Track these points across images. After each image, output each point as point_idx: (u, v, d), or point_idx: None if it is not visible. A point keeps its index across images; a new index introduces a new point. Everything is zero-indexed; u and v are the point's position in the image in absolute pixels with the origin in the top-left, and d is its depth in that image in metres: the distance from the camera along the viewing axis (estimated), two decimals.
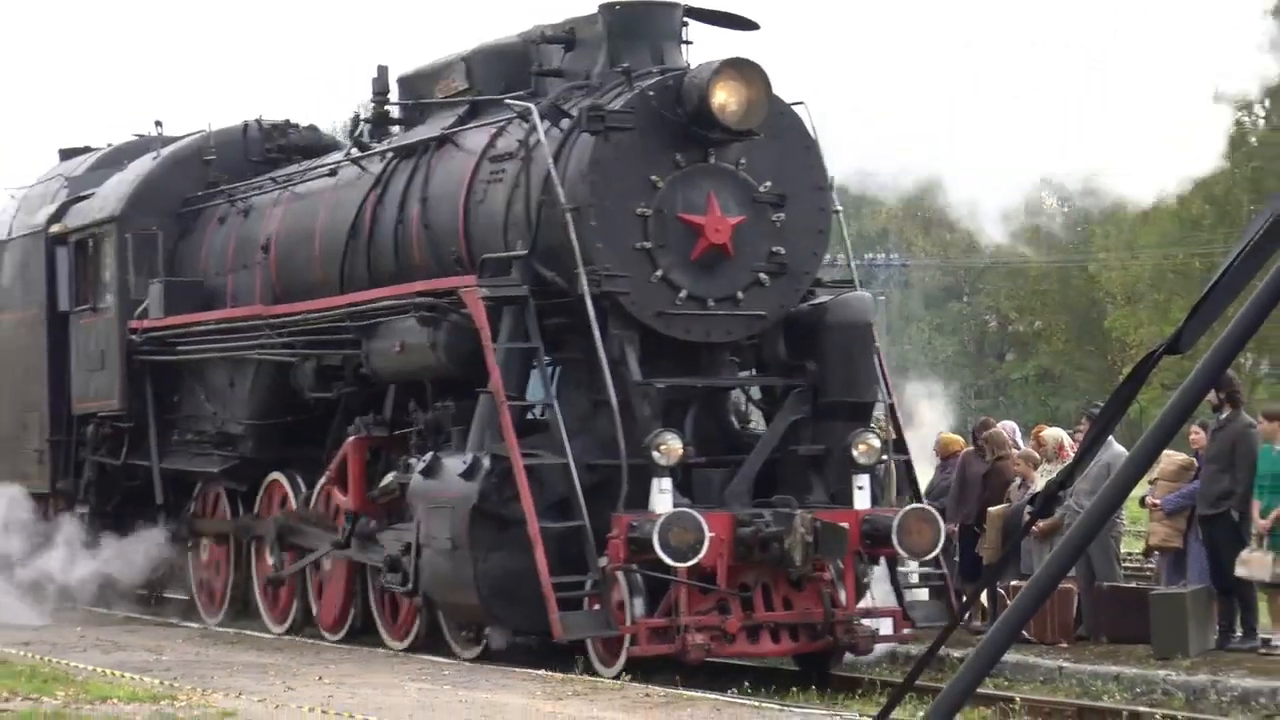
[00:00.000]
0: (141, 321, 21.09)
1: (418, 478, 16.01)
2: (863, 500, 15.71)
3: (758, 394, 17.03)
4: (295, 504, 19.03)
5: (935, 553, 15.75)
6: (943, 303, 68.35)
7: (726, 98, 15.51)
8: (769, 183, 16.05)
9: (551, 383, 15.77)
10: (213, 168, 21.60)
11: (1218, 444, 16.14)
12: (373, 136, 19.37)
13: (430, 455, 15.97)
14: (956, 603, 16.25)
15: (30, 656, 16.34)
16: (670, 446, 15.04)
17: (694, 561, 14.69)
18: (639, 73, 16.03)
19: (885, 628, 15.79)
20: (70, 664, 15.68)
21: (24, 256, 23.45)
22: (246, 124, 21.99)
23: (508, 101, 16.65)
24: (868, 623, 15.64)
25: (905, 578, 16.41)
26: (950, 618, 15.37)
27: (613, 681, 14.39)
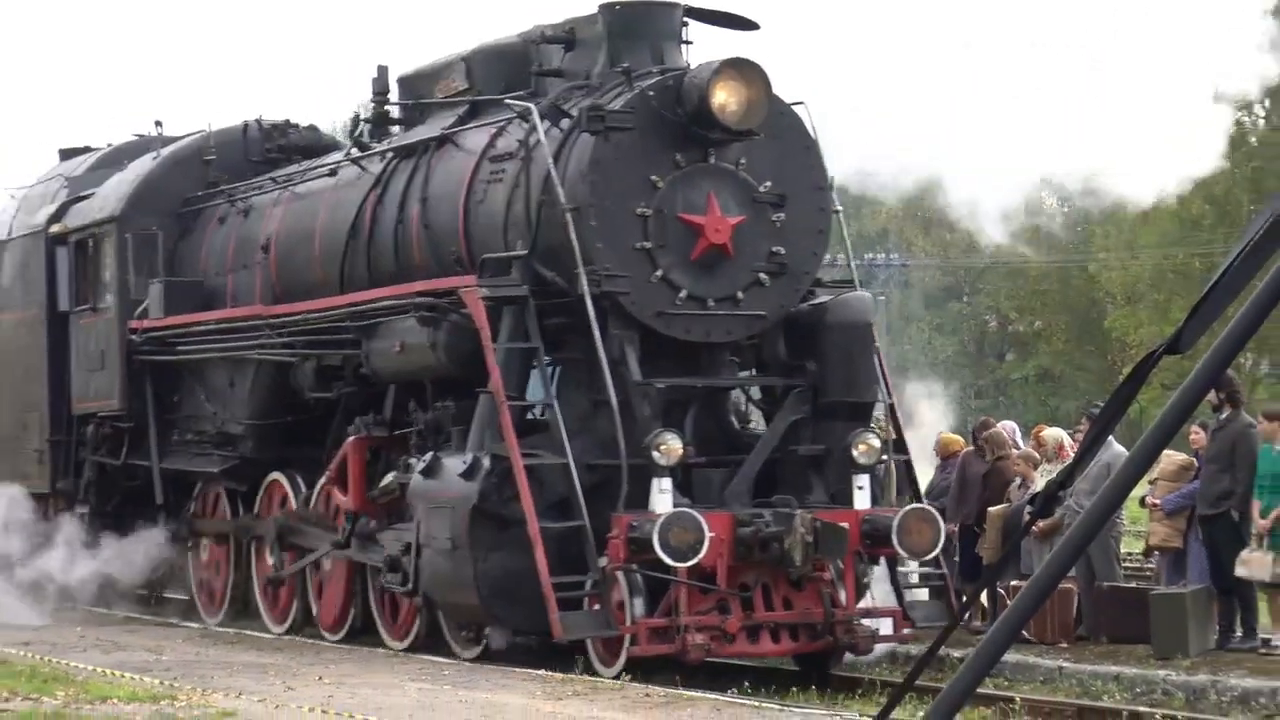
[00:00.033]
0: (141, 321, 21.07)
1: (418, 478, 16.00)
2: (863, 500, 15.70)
3: (758, 394, 17.02)
4: (295, 504, 19.02)
5: (935, 553, 15.76)
6: (943, 303, 68.33)
7: (726, 98, 15.49)
8: (769, 183, 16.04)
9: (551, 383, 15.76)
10: (213, 168, 21.58)
11: (1218, 444, 16.14)
12: (373, 136, 19.35)
13: (430, 455, 15.96)
14: (957, 603, 16.25)
15: (30, 656, 16.34)
16: (670, 446, 15.03)
17: (694, 561, 14.68)
18: (639, 73, 16.01)
19: (885, 628, 15.79)
20: (70, 664, 15.67)
21: (24, 256, 23.43)
22: (246, 124, 21.97)
23: (508, 101, 16.63)
24: (868, 623, 15.63)
25: (905, 578, 16.41)
26: (950, 618, 15.37)
27: (613, 681, 14.39)
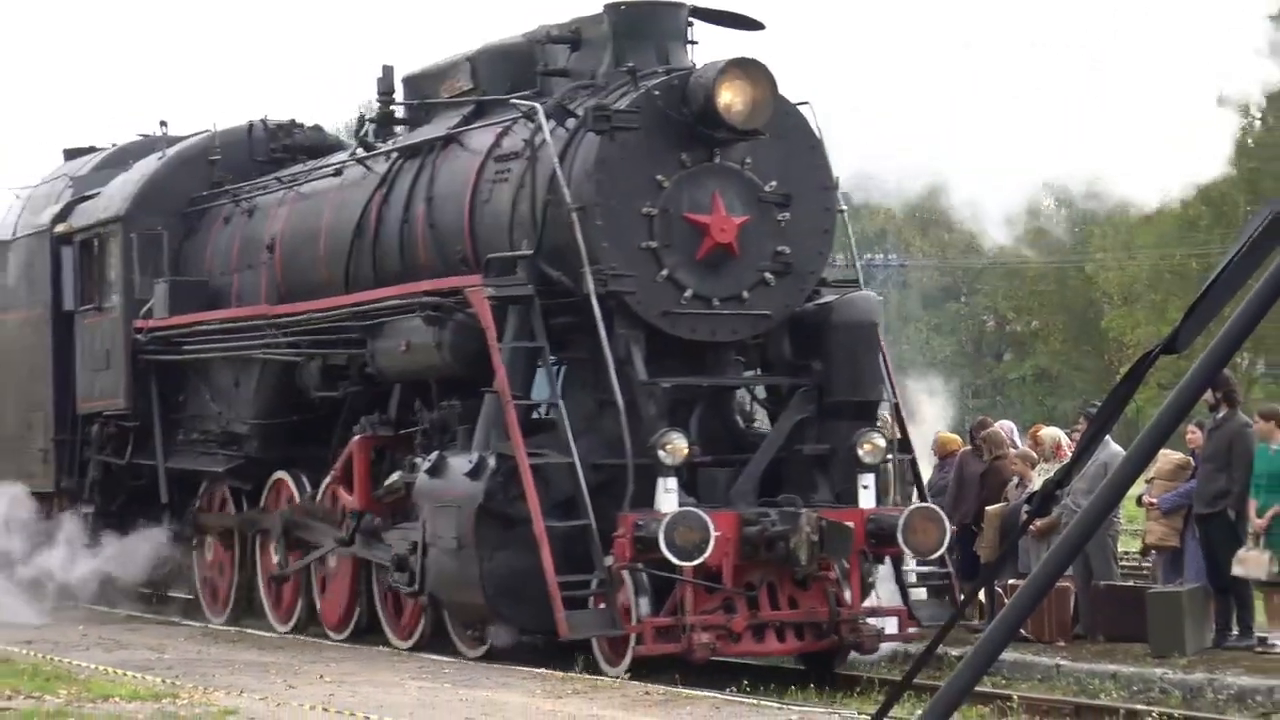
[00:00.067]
0: (147, 321, 21.06)
1: (423, 477, 16.01)
2: (868, 499, 15.70)
3: (763, 393, 17.03)
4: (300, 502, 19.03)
5: (941, 551, 15.80)
6: (940, 303, 68.24)
7: (732, 97, 15.51)
8: (774, 182, 16.05)
9: (557, 382, 15.80)
10: (218, 167, 21.58)
11: (1214, 443, 16.17)
12: (378, 136, 19.33)
13: (436, 454, 15.97)
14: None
15: (32, 655, 16.36)
16: (676, 446, 15.04)
17: (699, 561, 14.70)
18: (644, 72, 16.02)
19: (890, 627, 15.80)
20: (72, 662, 15.71)
21: (29, 256, 23.43)
22: (251, 124, 21.95)
23: (513, 101, 16.65)
24: (873, 622, 15.68)
25: (909, 577, 16.44)
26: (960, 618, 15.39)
27: (612, 680, 14.42)
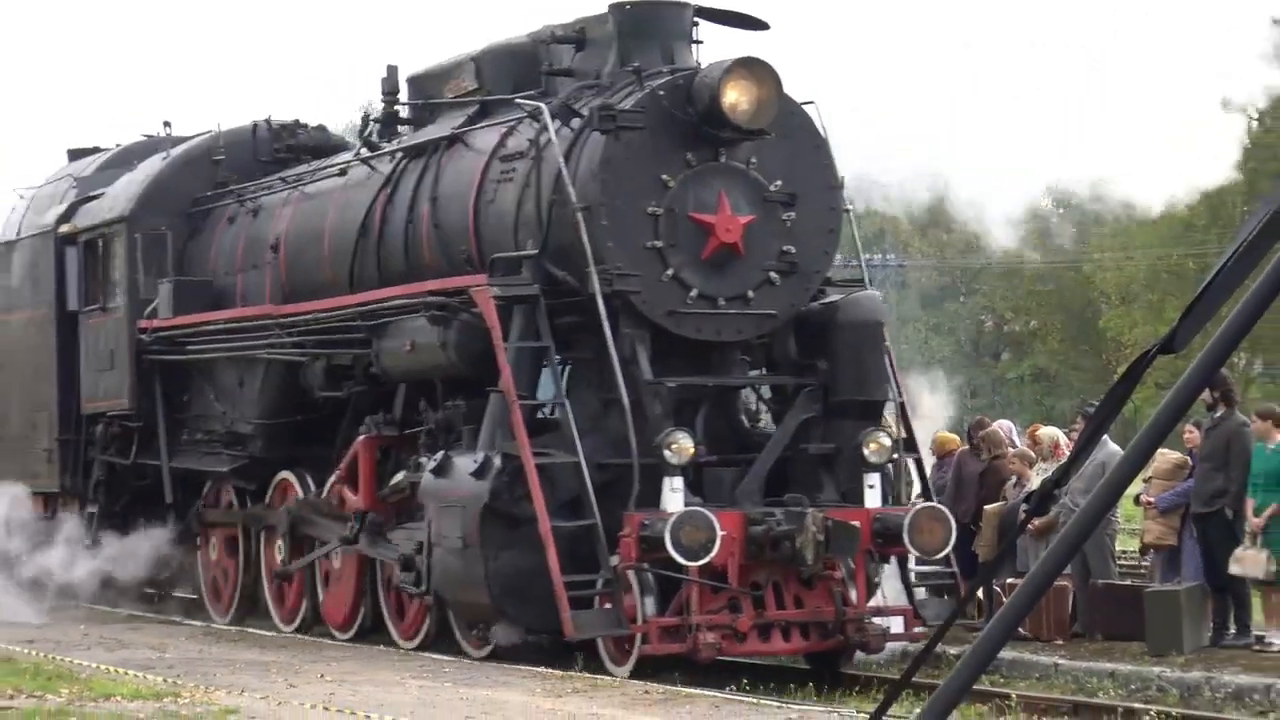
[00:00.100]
0: (151, 321, 21.07)
1: (429, 477, 16.02)
2: (873, 499, 15.71)
3: (768, 393, 17.01)
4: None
5: (947, 551, 15.81)
6: (939, 303, 68.29)
7: (737, 97, 15.51)
8: (779, 182, 16.05)
9: (562, 381, 15.80)
10: (222, 168, 21.59)
11: (1212, 443, 16.20)
12: (382, 136, 19.32)
13: (441, 454, 15.97)
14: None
15: (34, 654, 16.37)
16: (682, 445, 15.05)
17: (705, 560, 14.72)
18: (649, 72, 16.02)
19: (896, 626, 15.80)
20: (74, 662, 15.71)
21: (33, 256, 23.42)
22: (256, 124, 21.96)
23: (518, 101, 16.65)
24: (879, 621, 15.68)
25: (914, 576, 16.46)
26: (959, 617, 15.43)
27: (612, 679, 14.43)
